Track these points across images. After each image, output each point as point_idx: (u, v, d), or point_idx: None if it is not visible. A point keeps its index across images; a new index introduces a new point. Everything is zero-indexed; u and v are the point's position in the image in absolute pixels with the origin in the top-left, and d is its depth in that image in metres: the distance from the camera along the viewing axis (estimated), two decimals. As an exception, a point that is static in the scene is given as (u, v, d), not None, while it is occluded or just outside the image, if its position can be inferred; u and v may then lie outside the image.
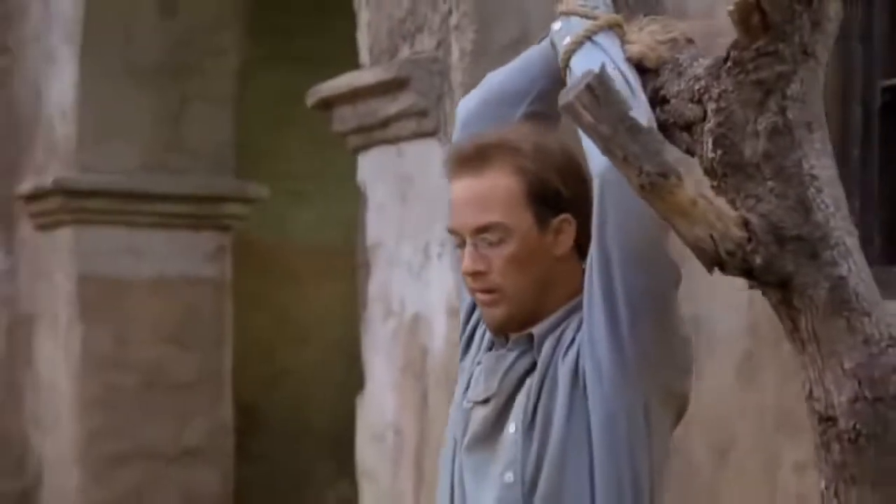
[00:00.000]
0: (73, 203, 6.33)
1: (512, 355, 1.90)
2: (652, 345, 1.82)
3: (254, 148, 7.14)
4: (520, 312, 1.86)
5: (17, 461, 6.85)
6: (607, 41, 1.80)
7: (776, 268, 1.65)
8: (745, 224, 1.65)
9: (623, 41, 1.82)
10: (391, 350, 4.06)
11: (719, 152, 1.67)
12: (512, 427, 1.89)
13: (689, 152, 1.76)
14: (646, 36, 1.80)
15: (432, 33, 3.34)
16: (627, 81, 1.76)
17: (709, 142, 1.68)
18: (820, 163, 1.67)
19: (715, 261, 1.65)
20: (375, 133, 3.65)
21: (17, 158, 6.78)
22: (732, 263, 1.65)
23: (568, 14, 1.83)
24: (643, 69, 1.80)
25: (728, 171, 1.68)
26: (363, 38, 3.75)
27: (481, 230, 1.84)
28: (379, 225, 3.88)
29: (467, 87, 3.26)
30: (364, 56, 3.70)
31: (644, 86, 1.79)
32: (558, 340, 1.87)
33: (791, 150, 1.66)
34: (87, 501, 6.43)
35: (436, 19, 3.32)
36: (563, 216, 1.85)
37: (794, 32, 1.65)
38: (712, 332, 3.21)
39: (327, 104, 3.65)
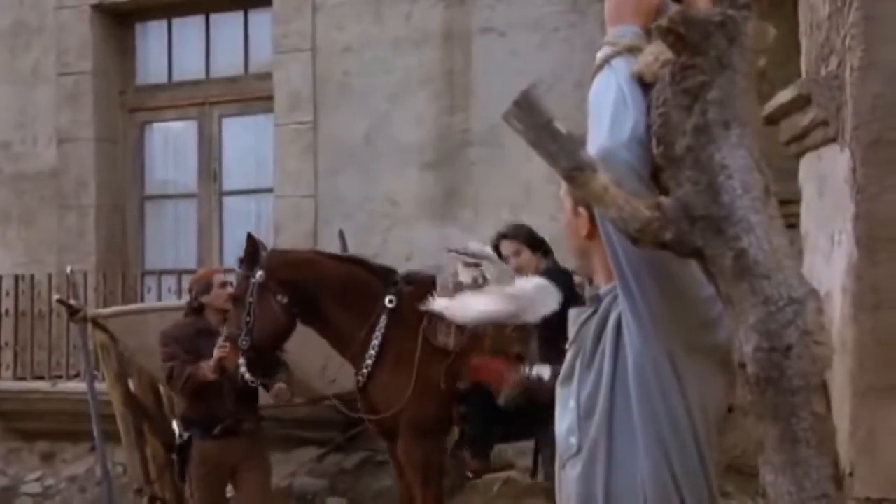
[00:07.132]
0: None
1: (588, 310, 2.07)
2: (659, 304, 1.87)
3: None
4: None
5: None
6: (621, 63, 1.87)
7: (687, 241, 1.71)
8: (658, 206, 1.73)
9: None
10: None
11: (661, 148, 1.75)
12: (578, 365, 2.04)
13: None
14: (648, 56, 1.83)
15: (836, 55, 3.33)
16: (623, 94, 1.83)
17: (654, 140, 1.77)
18: (732, 154, 1.69)
19: (628, 235, 1.74)
20: (799, 142, 3.68)
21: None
22: (645, 238, 1.73)
23: (604, 44, 1.93)
24: (645, 84, 1.83)
25: (666, 164, 1.75)
26: (803, 64, 3.80)
27: None
28: (807, 217, 3.89)
29: (856, 99, 3.23)
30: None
31: (644, 97, 1.83)
32: (614, 299, 1.99)
33: (707, 144, 1.69)
34: None
35: (837, 42, 3.31)
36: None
37: (710, 48, 1.69)
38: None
39: (770, 120, 3.75)
